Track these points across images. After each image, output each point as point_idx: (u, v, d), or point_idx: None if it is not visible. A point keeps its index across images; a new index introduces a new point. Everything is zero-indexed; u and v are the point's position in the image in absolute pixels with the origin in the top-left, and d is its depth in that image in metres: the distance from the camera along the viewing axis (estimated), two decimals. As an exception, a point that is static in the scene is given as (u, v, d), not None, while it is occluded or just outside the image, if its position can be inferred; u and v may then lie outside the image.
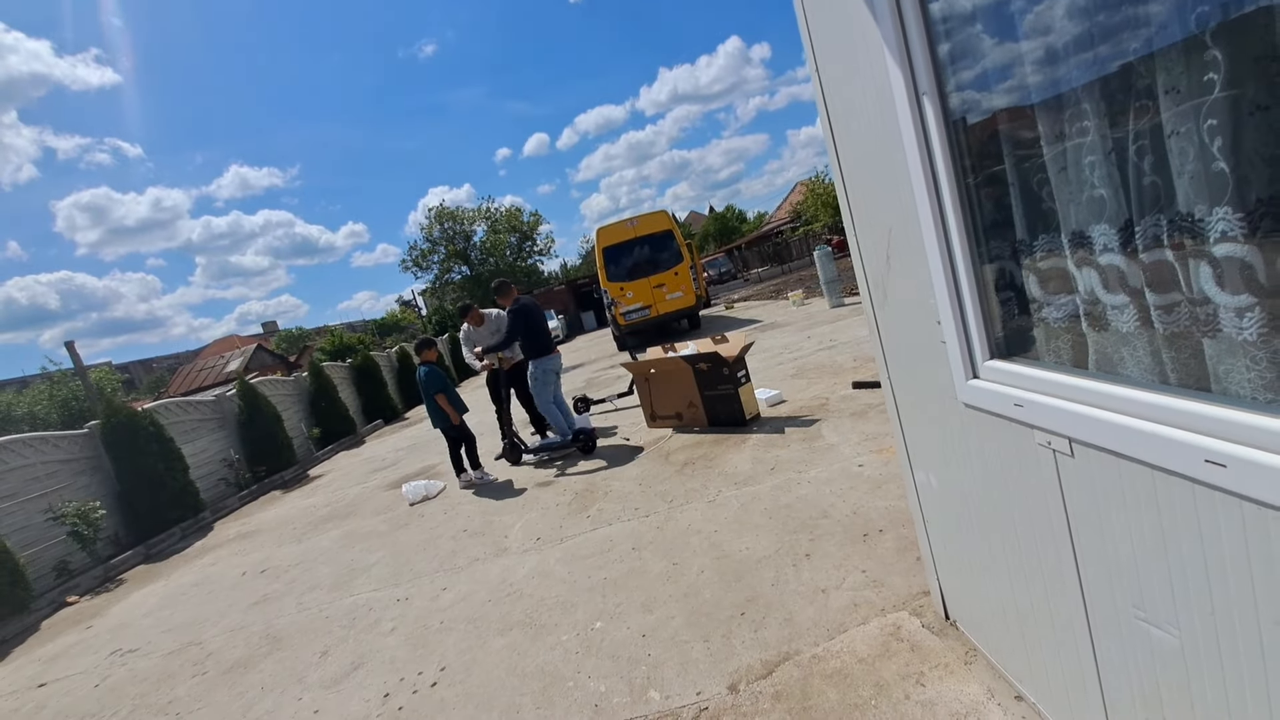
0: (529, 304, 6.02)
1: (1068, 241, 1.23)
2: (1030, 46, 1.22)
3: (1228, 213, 0.88)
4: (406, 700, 2.72)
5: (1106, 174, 1.09)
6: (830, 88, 1.93)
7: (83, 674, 4.14)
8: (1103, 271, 1.16)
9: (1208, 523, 0.97)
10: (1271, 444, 0.84)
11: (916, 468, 2.12)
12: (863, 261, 2.07)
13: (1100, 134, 1.08)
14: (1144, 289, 1.07)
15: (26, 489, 6.75)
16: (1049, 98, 1.20)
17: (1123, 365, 1.16)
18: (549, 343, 6.05)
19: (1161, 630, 1.15)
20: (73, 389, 24.66)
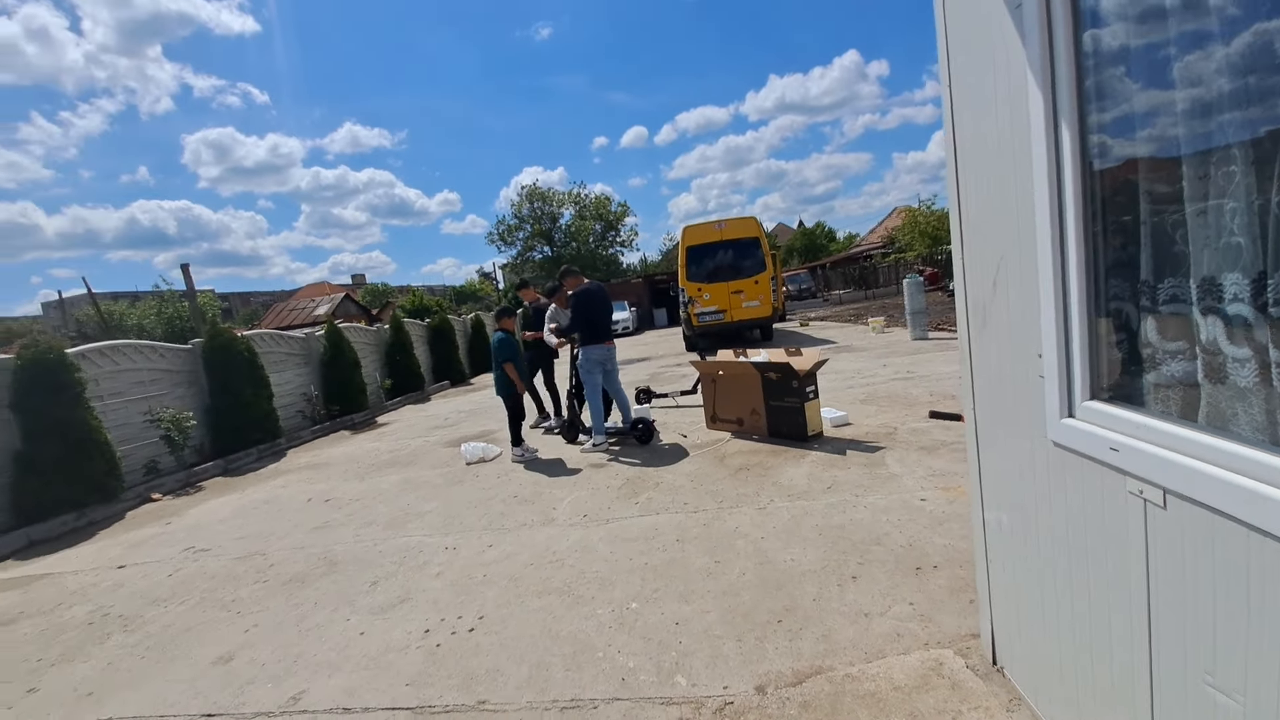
0: (592, 290, 6.03)
1: (1195, 288, 1.17)
2: (1181, 95, 1.17)
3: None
4: (445, 639, 2.86)
5: (1247, 222, 1.03)
6: (961, 103, 1.89)
7: (158, 563, 4.55)
8: (1229, 322, 1.10)
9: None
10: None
11: (988, 505, 2.05)
12: (966, 285, 2.01)
13: (1245, 182, 1.03)
14: (1269, 345, 1.02)
15: (131, 391, 7.42)
16: (1194, 142, 1.15)
17: (1235, 421, 1.10)
18: (600, 333, 5.97)
19: (1228, 698, 1.09)
20: (178, 309, 26.85)
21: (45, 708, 2.75)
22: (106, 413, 6.82)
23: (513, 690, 2.42)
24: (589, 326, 5.91)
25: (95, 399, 6.59)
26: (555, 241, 39.19)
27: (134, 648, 3.20)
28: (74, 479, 5.92)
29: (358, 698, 2.50)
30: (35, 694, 2.88)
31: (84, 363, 6.63)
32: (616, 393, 6.17)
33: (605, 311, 6.07)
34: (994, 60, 1.66)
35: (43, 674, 3.06)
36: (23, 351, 6.11)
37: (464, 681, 2.51)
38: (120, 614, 3.66)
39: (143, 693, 2.76)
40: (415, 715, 2.34)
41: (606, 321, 6.07)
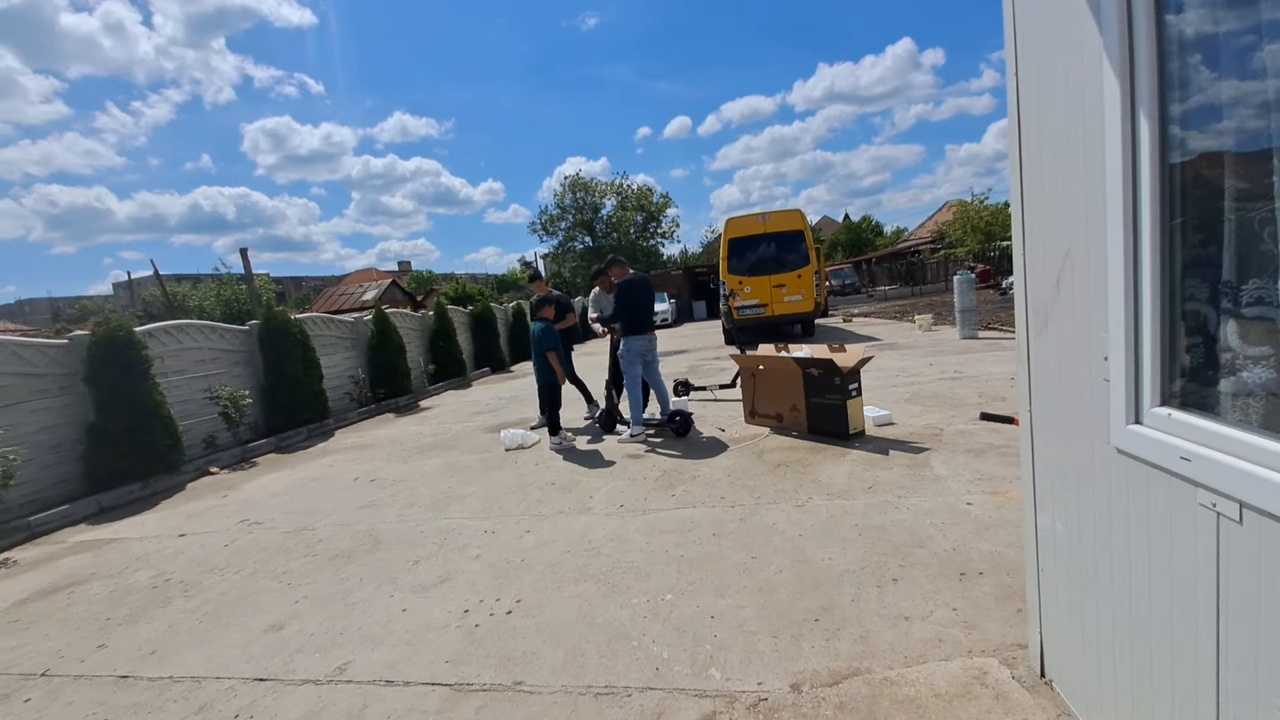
0: (636, 280, 6.03)
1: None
2: (1272, 85, 1.09)
3: None
4: (483, 620, 2.92)
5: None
6: (1028, 91, 1.81)
7: (215, 533, 4.77)
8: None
9: None
10: None
11: (1041, 510, 1.98)
12: (1026, 283, 1.94)
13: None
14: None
15: (193, 369, 7.78)
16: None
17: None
18: (642, 324, 5.97)
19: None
20: (236, 291, 28.02)
21: (113, 663, 2.92)
22: (170, 389, 7.16)
23: (548, 674, 2.46)
24: (632, 317, 5.92)
25: (160, 375, 6.93)
26: (597, 232, 39.36)
27: (193, 612, 3.37)
28: (140, 450, 6.25)
29: (399, 671, 2.57)
30: (104, 649, 3.07)
31: (151, 341, 6.98)
32: (656, 384, 6.18)
33: (648, 302, 6.07)
34: (1066, 45, 1.58)
35: (111, 631, 3.25)
36: (96, 329, 6.46)
37: (501, 662, 2.56)
38: (180, 580, 3.86)
39: (201, 654, 2.91)
40: (454, 691, 2.40)
41: (649, 312, 6.07)
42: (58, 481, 6.00)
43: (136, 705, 2.56)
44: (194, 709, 2.49)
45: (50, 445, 5.99)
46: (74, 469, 6.13)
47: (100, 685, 2.75)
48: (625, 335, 5.95)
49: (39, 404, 5.98)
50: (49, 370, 6.11)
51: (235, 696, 2.54)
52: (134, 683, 2.74)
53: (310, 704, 2.43)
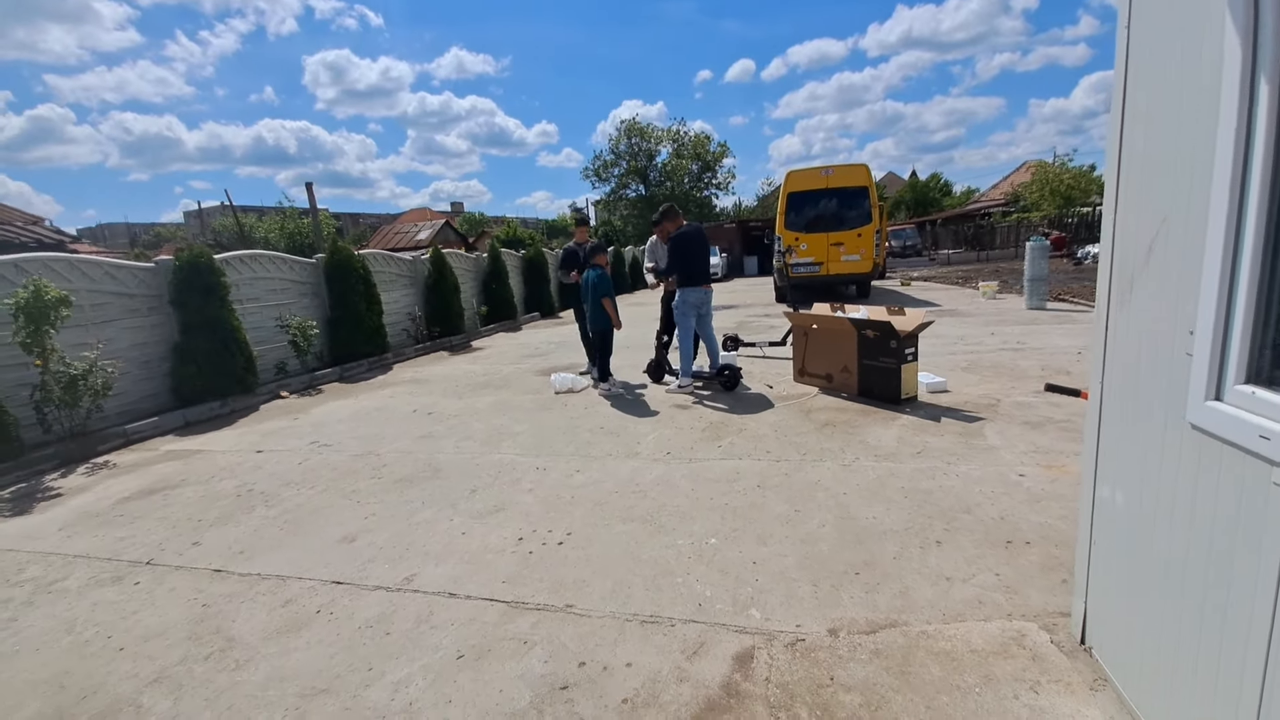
0: (691, 232, 5.98)
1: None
2: None
3: None
4: (536, 548, 3.10)
5: None
6: (1139, 42, 1.71)
7: (289, 452, 5.13)
8: None
9: None
10: None
11: (1101, 480, 1.97)
12: (1114, 251, 1.87)
13: None
14: None
15: (266, 297, 8.19)
16: None
17: None
18: (697, 275, 5.94)
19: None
20: (299, 225, 28.92)
21: (207, 558, 3.25)
22: (245, 315, 7.57)
23: (597, 600, 2.62)
24: (687, 269, 5.91)
25: (236, 302, 7.34)
26: (650, 180, 38.66)
27: (274, 520, 3.69)
28: (220, 371, 6.69)
29: (461, 586, 2.79)
30: (198, 546, 3.40)
31: (227, 269, 7.36)
32: (708, 337, 6.20)
33: (704, 255, 6.04)
34: None
35: (204, 531, 3.60)
36: (179, 254, 6.85)
37: (553, 586, 2.74)
38: (261, 491, 4.20)
39: (283, 556, 3.20)
40: (510, 608, 2.60)
41: (705, 265, 6.04)
42: (148, 395, 6.51)
43: (231, 594, 2.86)
44: (280, 601, 2.76)
45: (141, 361, 6.48)
46: (161, 384, 6.63)
47: (198, 575, 3.07)
48: (681, 287, 5.95)
49: (130, 322, 6.44)
50: (139, 291, 6.55)
51: (316, 595, 2.80)
52: (227, 576, 3.05)
53: (383, 606, 2.66)
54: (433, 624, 2.52)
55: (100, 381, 5.56)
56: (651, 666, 2.20)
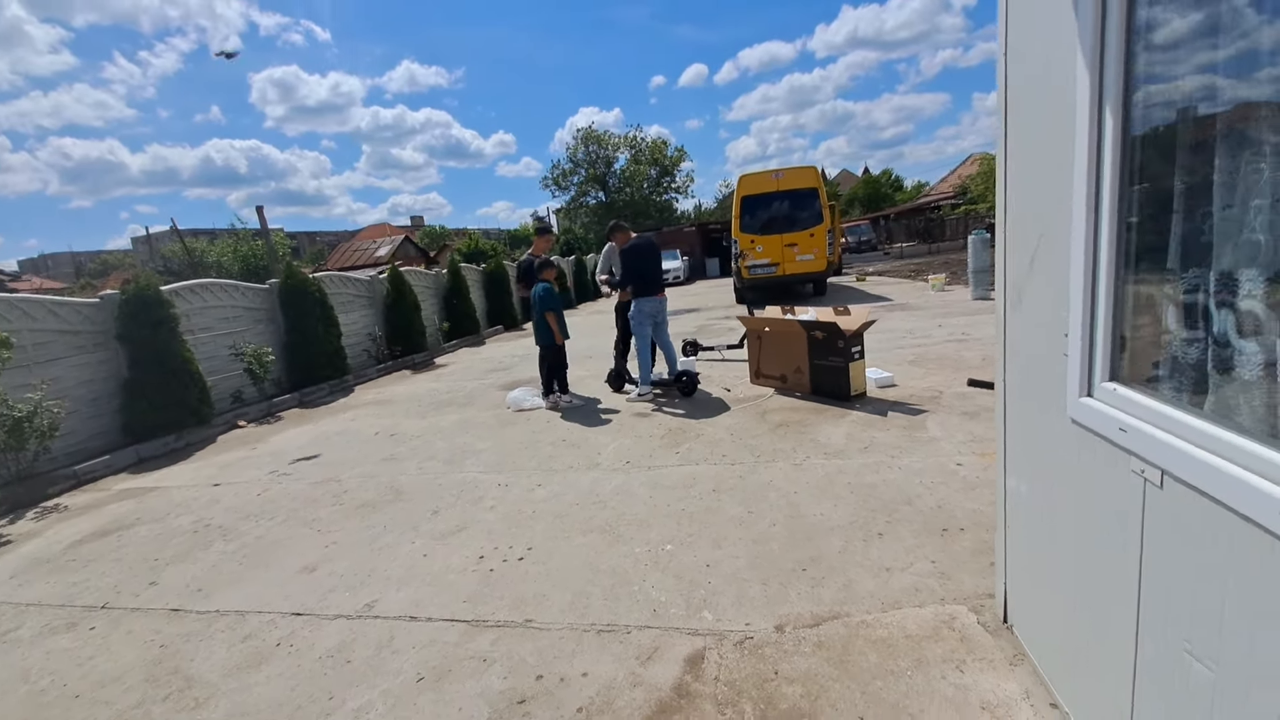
0: (642, 244, 6.13)
1: (1215, 280, 1.21)
2: (1222, 83, 1.18)
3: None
4: (497, 565, 3.17)
5: (1269, 221, 1.07)
6: (1015, 77, 1.88)
7: (247, 483, 5.07)
8: (1240, 317, 1.15)
9: (1270, 569, 1.01)
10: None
11: (1010, 473, 2.13)
12: (1006, 259, 2.04)
13: (1273, 180, 1.06)
14: (1276, 343, 1.07)
15: (217, 326, 8.04)
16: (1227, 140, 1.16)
17: (1238, 412, 1.16)
18: (651, 284, 6.07)
19: (1202, 664, 1.20)
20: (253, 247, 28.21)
21: (164, 598, 3.23)
22: (197, 346, 7.43)
23: (556, 613, 2.70)
24: (641, 279, 6.04)
25: (187, 333, 7.20)
26: (609, 187, 38.82)
27: (233, 554, 3.67)
28: (173, 404, 6.56)
29: (422, 609, 2.84)
30: (155, 586, 3.37)
31: (177, 299, 7.22)
32: (665, 344, 6.32)
33: (656, 264, 6.19)
34: (1047, 36, 1.65)
35: (160, 571, 3.56)
36: (125, 288, 6.70)
37: (514, 603, 2.81)
38: (219, 525, 4.16)
39: (242, 592, 3.20)
40: (471, 627, 2.66)
41: (658, 273, 6.18)
42: (98, 433, 6.35)
43: (189, 634, 2.86)
44: (240, 637, 2.77)
45: (89, 399, 6.32)
46: (112, 421, 6.47)
47: (155, 616, 3.05)
48: (636, 297, 6.07)
49: (76, 360, 6.28)
50: (83, 327, 6.38)
51: (276, 628, 2.82)
52: (184, 615, 3.04)
53: (343, 635, 2.70)
54: (394, 649, 2.56)
55: (46, 423, 5.42)
56: (607, 674, 2.29)
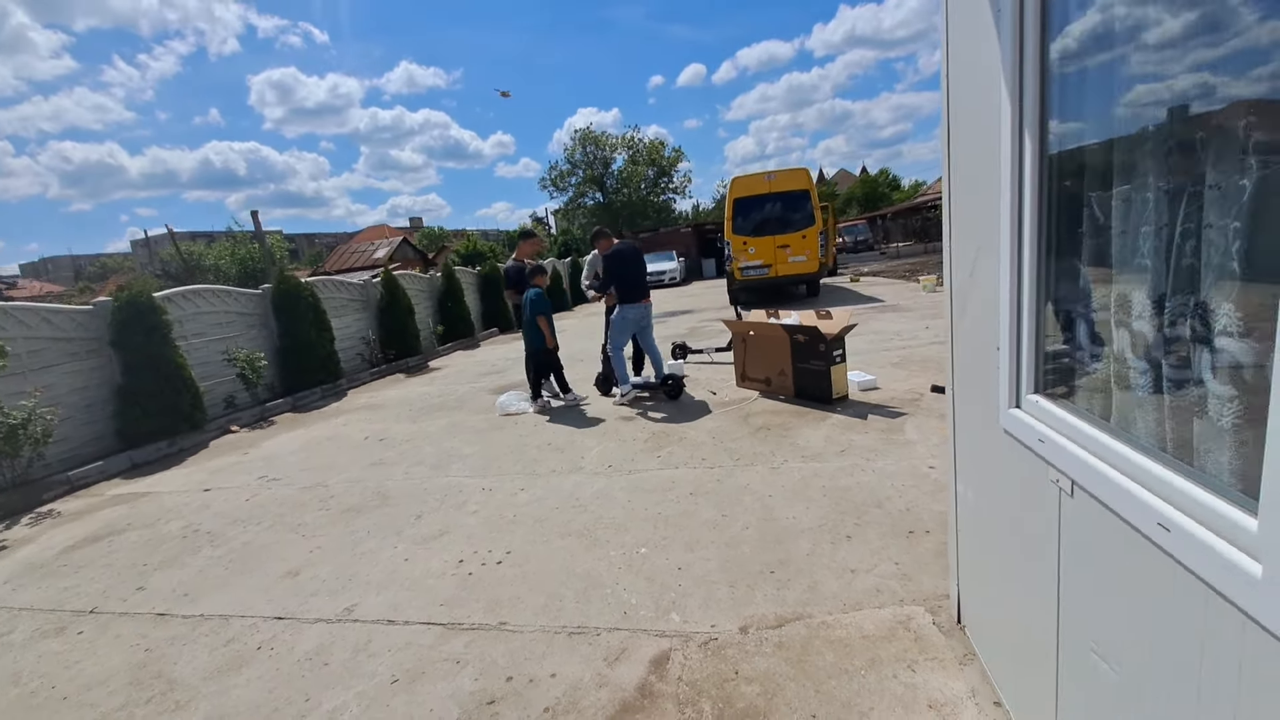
0: (625, 250, 6.14)
1: (1114, 300, 1.29)
2: (1120, 113, 1.26)
3: (1231, 310, 0.95)
4: (476, 569, 3.24)
5: (1154, 248, 1.14)
6: (956, 100, 1.96)
7: (237, 488, 5.15)
8: (1134, 336, 1.22)
9: (1154, 579, 1.08)
10: (1206, 518, 0.94)
11: (959, 478, 2.21)
12: (952, 270, 2.12)
13: (1157, 211, 1.13)
14: (1162, 361, 1.14)
15: (210, 331, 8.12)
16: (1122, 171, 1.24)
17: (1134, 425, 1.24)
18: (635, 291, 6.06)
19: (1107, 665, 1.27)
20: (250, 250, 28.30)
21: (151, 602, 3.30)
22: (190, 351, 7.51)
23: (529, 615, 2.77)
24: (623, 285, 6.09)
25: (180, 339, 7.28)
26: (607, 188, 38.92)
27: (219, 559, 3.74)
28: (166, 410, 6.64)
29: (400, 612, 2.91)
30: (143, 591, 3.45)
31: (169, 305, 7.30)
32: (650, 348, 6.39)
33: (639, 270, 6.21)
34: (977, 65, 1.72)
35: (148, 576, 3.64)
36: (118, 295, 6.78)
37: (489, 605, 2.89)
38: (208, 530, 4.24)
39: (228, 596, 3.28)
40: (446, 630, 2.73)
41: (641, 279, 6.20)
42: (92, 439, 6.43)
43: (173, 638, 2.93)
44: (222, 641, 2.85)
45: (83, 405, 6.40)
46: (106, 427, 6.55)
47: (141, 621, 3.13)
48: (620, 304, 6.12)
49: (70, 366, 6.36)
50: (77, 335, 6.46)
51: (257, 632, 2.90)
52: (170, 619, 3.12)
53: (322, 638, 2.77)
54: (370, 651, 2.64)
55: (40, 429, 5.50)
56: (574, 675, 2.36)
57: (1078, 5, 1.36)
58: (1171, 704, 1.07)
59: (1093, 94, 1.36)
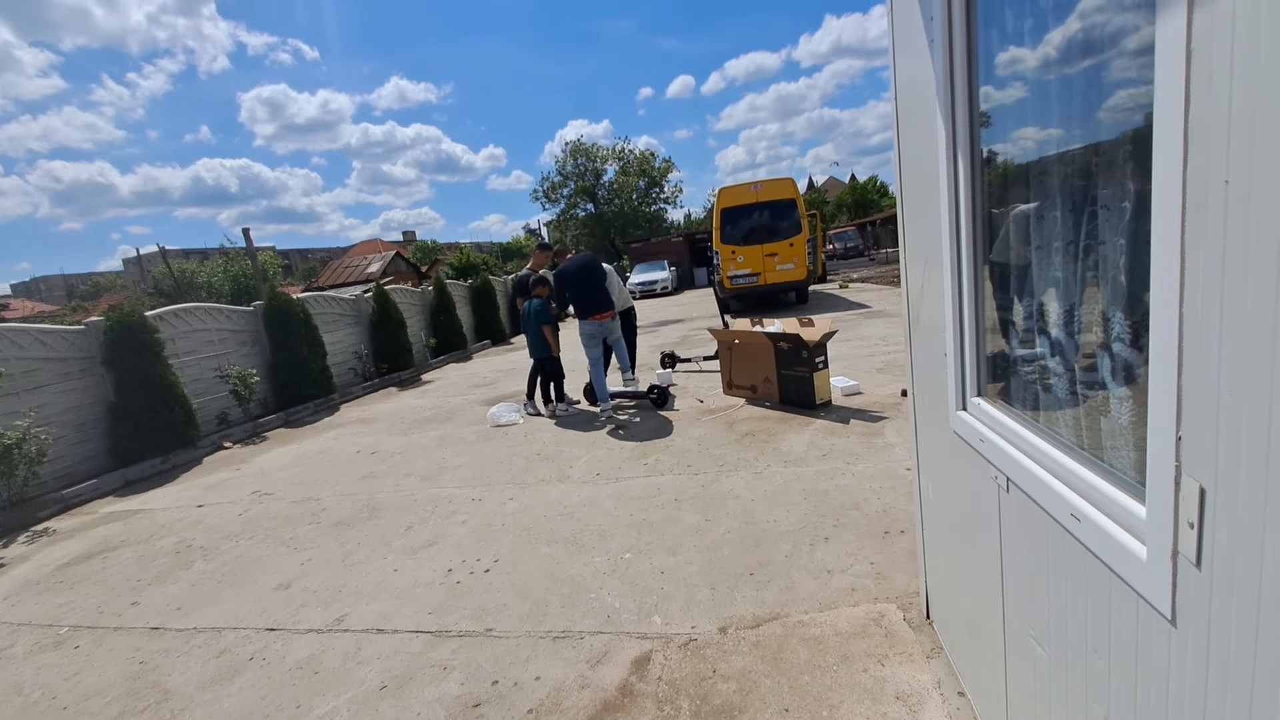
0: (568, 268, 6.10)
1: (1036, 309, 1.39)
2: (1032, 137, 1.37)
3: (1122, 318, 1.05)
4: (464, 578, 3.32)
5: (1063, 261, 1.25)
6: (904, 121, 2.07)
7: (230, 503, 5.20)
8: (1054, 342, 1.33)
9: (1071, 565, 1.18)
10: (1108, 507, 1.04)
11: (922, 477, 2.31)
12: (907, 281, 2.22)
13: (1065, 226, 1.24)
14: (1074, 365, 1.25)
15: (203, 349, 8.17)
16: (1042, 189, 1.35)
17: (1057, 424, 1.34)
18: (583, 308, 6.02)
19: (1042, 649, 1.37)
20: (243, 267, 28.35)
21: (145, 617, 3.36)
22: (182, 369, 7.57)
23: (515, 621, 2.85)
24: (577, 300, 6.04)
25: (172, 356, 7.34)
26: (599, 198, 39.16)
27: (212, 573, 3.80)
28: (159, 427, 6.69)
29: (389, 621, 2.98)
30: (137, 606, 3.51)
31: (161, 324, 7.36)
32: (620, 355, 6.34)
33: (585, 285, 6.04)
34: (919, 89, 1.83)
35: (142, 591, 3.69)
36: (109, 313, 6.84)
37: (476, 613, 2.96)
38: (200, 545, 4.30)
39: (220, 609, 3.34)
40: (434, 637, 2.81)
41: (593, 294, 6.04)
42: (85, 457, 6.47)
43: (167, 650, 2.99)
44: (215, 653, 2.91)
45: (76, 424, 6.44)
46: (99, 445, 6.59)
47: (136, 635, 3.19)
48: (578, 319, 6.11)
49: (63, 386, 6.41)
50: (69, 354, 6.51)
51: (250, 643, 2.96)
52: (164, 633, 3.17)
53: (313, 648, 2.84)
54: (359, 659, 2.71)
55: (35, 449, 5.54)
56: (558, 677, 2.44)
57: (999, 40, 1.47)
58: (1089, 677, 1.17)
59: (1013, 118, 1.47)
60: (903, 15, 1.92)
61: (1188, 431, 0.84)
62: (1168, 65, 0.81)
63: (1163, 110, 0.83)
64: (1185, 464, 0.85)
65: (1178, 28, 0.78)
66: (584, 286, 6.05)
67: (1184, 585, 0.88)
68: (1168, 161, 0.82)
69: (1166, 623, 0.92)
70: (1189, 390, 0.83)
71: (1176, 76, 0.79)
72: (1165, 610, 0.92)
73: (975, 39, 1.51)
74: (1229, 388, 0.76)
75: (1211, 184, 0.75)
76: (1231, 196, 0.72)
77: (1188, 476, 0.84)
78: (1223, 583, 0.81)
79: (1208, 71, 0.75)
